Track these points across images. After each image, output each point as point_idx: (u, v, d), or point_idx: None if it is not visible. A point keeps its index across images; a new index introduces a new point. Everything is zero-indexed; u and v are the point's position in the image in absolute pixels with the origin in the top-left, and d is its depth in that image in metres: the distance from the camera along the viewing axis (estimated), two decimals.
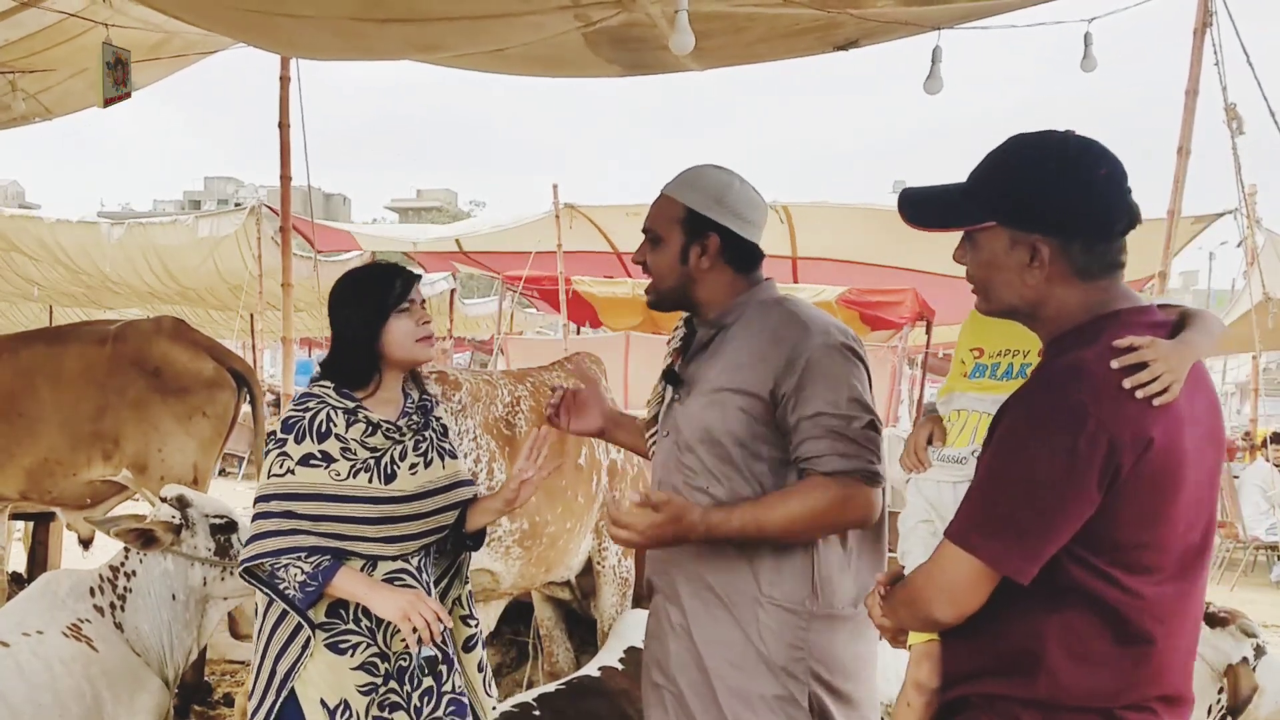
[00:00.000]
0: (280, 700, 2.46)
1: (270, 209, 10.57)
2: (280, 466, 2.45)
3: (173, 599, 3.17)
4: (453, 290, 15.05)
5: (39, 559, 5.47)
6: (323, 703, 2.44)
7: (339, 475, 2.45)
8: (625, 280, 10.99)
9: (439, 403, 2.73)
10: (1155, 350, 1.62)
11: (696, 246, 2.36)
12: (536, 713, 3.31)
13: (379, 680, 2.47)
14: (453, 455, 2.63)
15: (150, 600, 3.15)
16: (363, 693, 2.45)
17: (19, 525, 5.81)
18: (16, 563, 5.72)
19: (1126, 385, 1.60)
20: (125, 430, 4.67)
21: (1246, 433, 13.65)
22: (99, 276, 12.39)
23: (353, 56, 4.64)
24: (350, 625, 2.47)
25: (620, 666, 3.61)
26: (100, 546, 4.72)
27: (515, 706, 3.30)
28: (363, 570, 2.48)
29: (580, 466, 4.06)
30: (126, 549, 3.17)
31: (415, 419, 2.59)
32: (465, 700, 2.59)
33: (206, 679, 4.87)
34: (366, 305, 2.51)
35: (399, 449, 2.53)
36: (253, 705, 2.51)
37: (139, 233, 11.74)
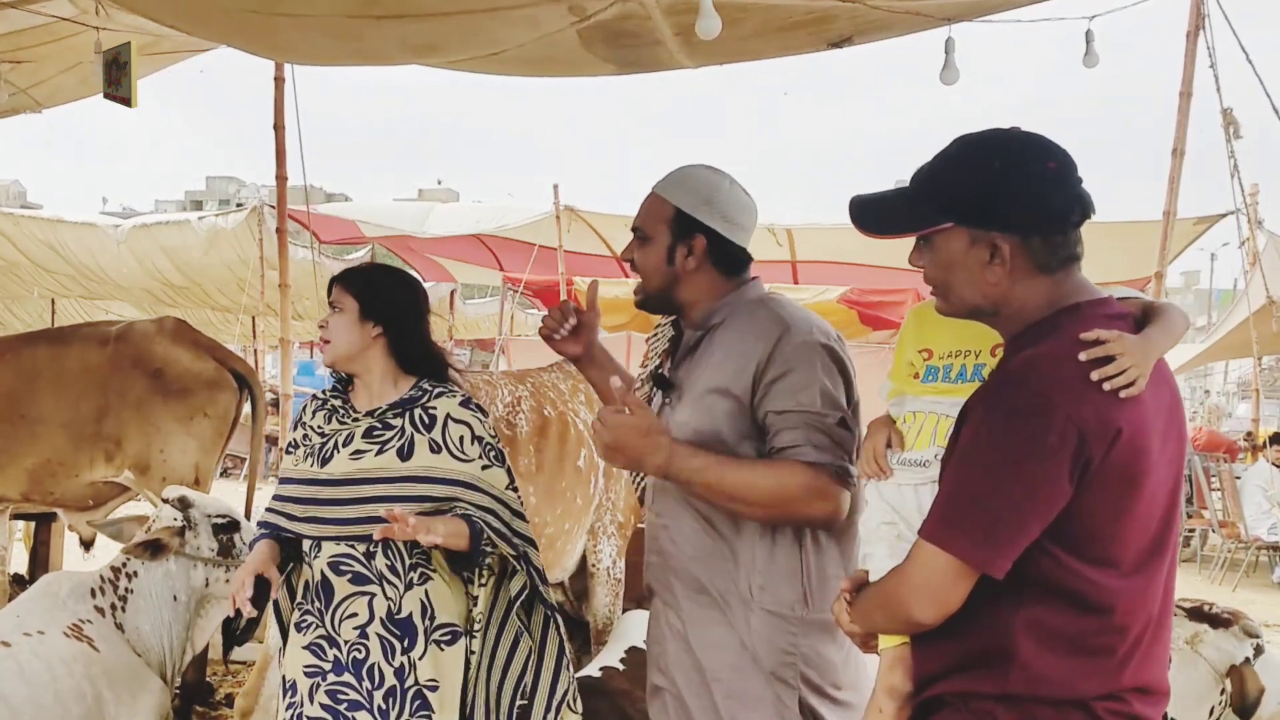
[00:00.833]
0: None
1: (272, 207, 10.58)
2: (284, 456, 2.70)
3: (174, 600, 3.18)
4: (453, 291, 15.05)
5: (40, 560, 5.48)
6: (284, 679, 2.56)
7: (297, 461, 2.60)
8: (620, 280, 11.01)
9: (451, 394, 2.60)
10: (1122, 344, 1.63)
11: (683, 247, 2.35)
12: None
13: (325, 665, 2.47)
14: (435, 450, 2.51)
15: (152, 601, 3.16)
16: (307, 674, 2.48)
17: (20, 526, 5.82)
18: (18, 563, 5.73)
19: (1094, 378, 1.60)
20: (127, 431, 4.68)
21: (1248, 433, 13.62)
22: (102, 276, 12.40)
23: (348, 60, 4.61)
24: (308, 605, 2.54)
25: (621, 667, 3.61)
26: (101, 547, 4.72)
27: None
28: (311, 551, 2.53)
29: (579, 468, 4.06)
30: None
31: (390, 410, 2.54)
32: (433, 688, 2.50)
33: (208, 679, 4.87)
34: None
35: (345, 434, 2.54)
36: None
37: (143, 233, 11.75)
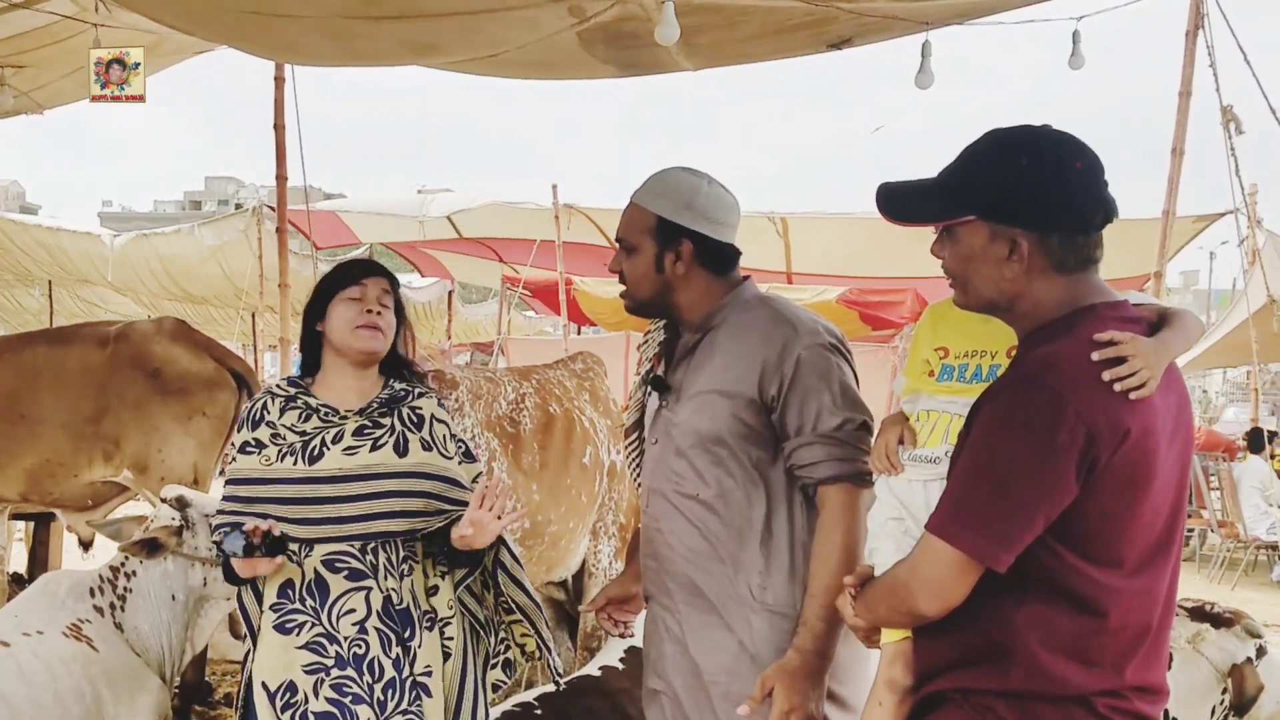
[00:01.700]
0: (244, 687, 2.52)
1: (271, 208, 10.57)
2: (231, 455, 2.59)
3: (173, 599, 3.17)
4: (451, 292, 15.04)
5: (39, 559, 5.47)
6: (264, 685, 2.46)
7: (268, 461, 2.51)
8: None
9: (430, 395, 2.65)
10: (1135, 346, 1.64)
11: (670, 254, 2.34)
12: (538, 712, 3.31)
13: (328, 661, 2.46)
14: (426, 448, 2.54)
15: (150, 601, 3.15)
16: (308, 672, 2.45)
17: (19, 526, 5.82)
18: (17, 563, 5.73)
19: (1105, 378, 1.61)
20: (126, 431, 4.67)
21: (1247, 432, 13.60)
22: (101, 280, 12.40)
23: (348, 61, 4.62)
24: (296, 605, 2.49)
25: (621, 666, 3.61)
26: (100, 547, 4.72)
27: (517, 706, 3.30)
28: (301, 551, 2.47)
29: (585, 466, 4.05)
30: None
31: (379, 408, 2.55)
32: (428, 674, 2.52)
33: (207, 679, 4.87)
34: (318, 293, 2.60)
35: (334, 432, 2.52)
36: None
37: (142, 243, 11.74)
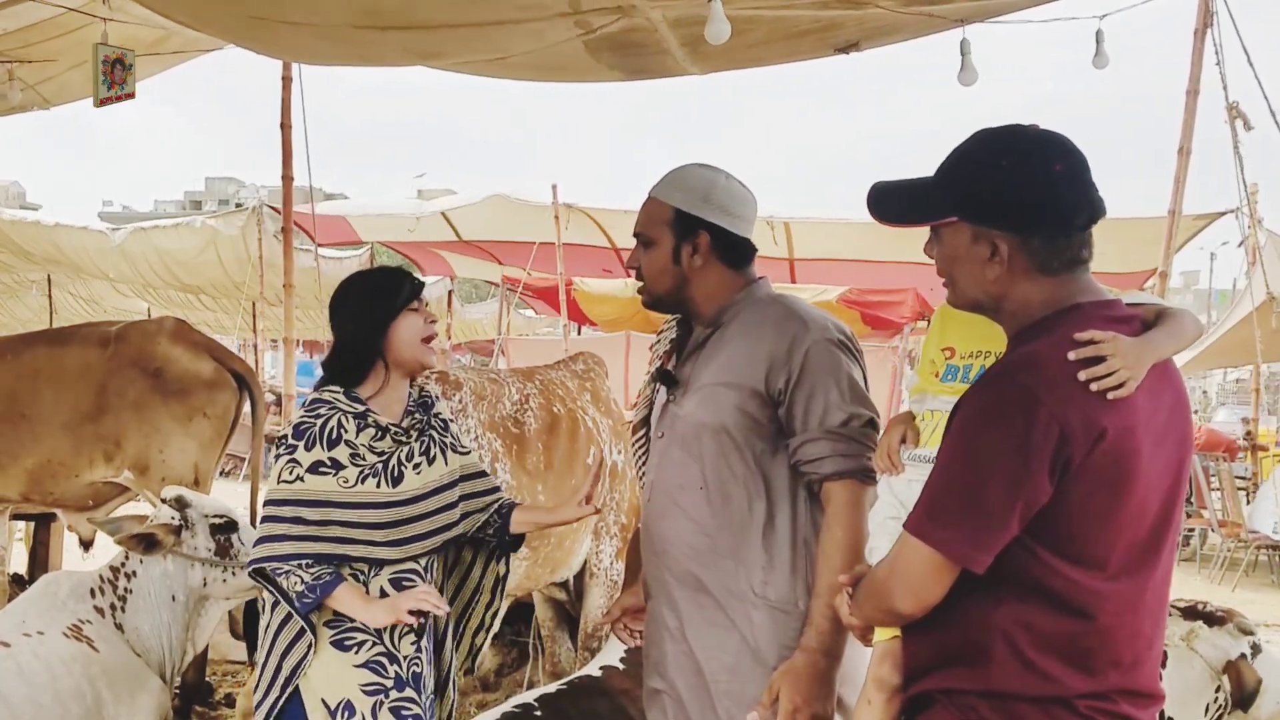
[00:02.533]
0: (284, 697, 2.47)
1: (272, 208, 10.57)
2: (290, 473, 2.47)
3: (172, 600, 3.17)
4: (450, 291, 15.03)
5: (40, 560, 5.47)
6: (324, 702, 2.45)
7: (347, 482, 2.46)
8: (616, 280, 10.99)
9: (438, 399, 2.72)
10: (1114, 345, 1.63)
11: (688, 246, 2.36)
12: (538, 713, 3.30)
13: (388, 682, 2.46)
14: (456, 450, 2.62)
15: (150, 601, 3.15)
16: (368, 693, 2.45)
17: (20, 526, 5.82)
18: (17, 564, 5.72)
19: (1081, 378, 1.60)
20: (126, 431, 4.67)
21: (1247, 433, 13.61)
22: (101, 276, 12.42)
23: (354, 63, 4.65)
24: (356, 623, 2.48)
25: (621, 666, 3.61)
26: (101, 547, 4.71)
27: (516, 707, 3.30)
28: (369, 572, 2.49)
29: (589, 466, 4.05)
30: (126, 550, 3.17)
31: (417, 417, 2.60)
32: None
33: (207, 679, 4.87)
34: (375, 304, 2.54)
35: (405, 450, 2.53)
36: (257, 699, 2.52)
37: (141, 237, 11.75)
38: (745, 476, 2.30)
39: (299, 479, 2.46)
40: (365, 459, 2.48)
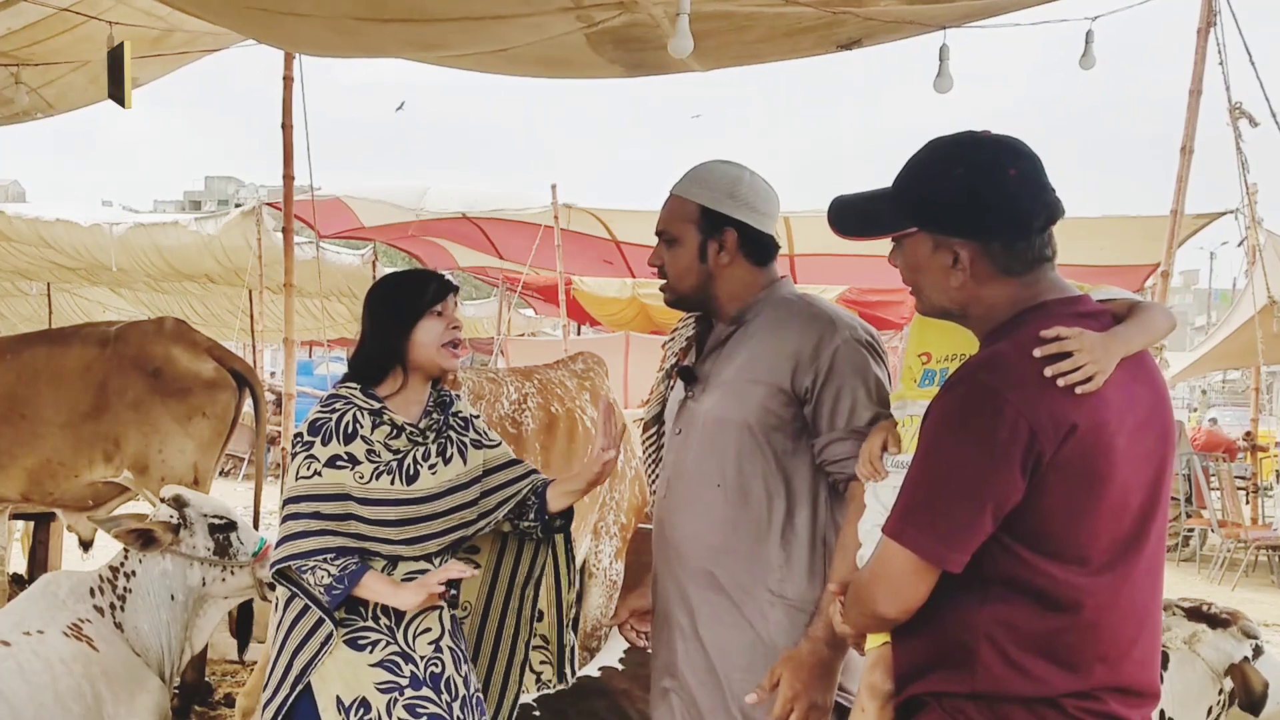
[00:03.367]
0: (294, 694, 2.47)
1: (271, 206, 10.55)
2: (308, 469, 2.48)
3: (171, 599, 3.16)
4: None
5: (39, 559, 5.46)
6: (339, 700, 2.44)
7: (362, 478, 2.47)
8: (617, 280, 10.96)
9: (458, 397, 2.71)
10: (1080, 340, 1.62)
11: (714, 243, 2.34)
12: (537, 713, 3.30)
13: (403, 680, 2.46)
14: (479, 445, 2.61)
15: (150, 600, 3.15)
16: (382, 690, 2.44)
17: (19, 526, 5.81)
18: (17, 563, 5.72)
19: (1047, 374, 1.60)
20: (126, 431, 4.66)
21: (1247, 433, 13.62)
22: (102, 270, 12.41)
23: (356, 54, 4.67)
24: (369, 622, 2.48)
25: (620, 667, 3.61)
26: (100, 547, 4.72)
27: None
28: (383, 570, 2.49)
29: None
30: (126, 549, 3.17)
31: (435, 417, 2.60)
32: (480, 696, 2.62)
33: (207, 679, 4.86)
34: (398, 305, 2.56)
35: (421, 450, 2.53)
36: (266, 697, 2.52)
37: (140, 233, 11.76)
38: (765, 474, 2.29)
39: (316, 474, 2.47)
40: (380, 455, 2.49)
